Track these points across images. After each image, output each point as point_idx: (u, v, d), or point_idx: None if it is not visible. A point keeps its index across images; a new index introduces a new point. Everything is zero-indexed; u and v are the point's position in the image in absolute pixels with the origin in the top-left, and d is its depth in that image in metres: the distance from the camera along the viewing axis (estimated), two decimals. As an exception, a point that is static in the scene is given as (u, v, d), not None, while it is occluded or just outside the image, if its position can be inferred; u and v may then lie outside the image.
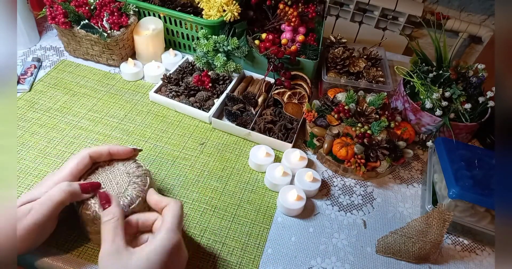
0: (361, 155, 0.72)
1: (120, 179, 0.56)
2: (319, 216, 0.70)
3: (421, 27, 1.68)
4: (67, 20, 0.84)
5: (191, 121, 0.84)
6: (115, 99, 0.87)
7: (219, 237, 0.64)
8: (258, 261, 0.62)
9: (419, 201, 0.75)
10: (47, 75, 0.90)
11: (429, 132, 0.82)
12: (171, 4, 0.96)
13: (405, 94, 0.83)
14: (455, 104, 0.79)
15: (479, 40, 1.61)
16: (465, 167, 0.68)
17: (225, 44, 0.87)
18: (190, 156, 0.77)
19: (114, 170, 0.58)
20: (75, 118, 0.81)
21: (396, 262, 0.65)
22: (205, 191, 0.71)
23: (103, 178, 0.56)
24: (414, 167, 0.82)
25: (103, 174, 0.57)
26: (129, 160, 0.60)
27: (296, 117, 0.82)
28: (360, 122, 0.77)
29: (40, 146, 0.74)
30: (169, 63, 0.95)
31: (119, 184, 0.55)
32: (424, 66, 0.84)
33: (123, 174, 0.57)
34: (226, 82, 0.89)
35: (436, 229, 0.62)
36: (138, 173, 0.57)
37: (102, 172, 0.57)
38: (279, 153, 0.79)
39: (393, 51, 1.15)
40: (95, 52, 0.92)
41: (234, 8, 0.89)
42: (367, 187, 0.76)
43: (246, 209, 0.69)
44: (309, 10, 0.94)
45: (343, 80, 0.90)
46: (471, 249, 0.69)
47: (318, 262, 0.63)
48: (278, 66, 0.86)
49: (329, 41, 0.99)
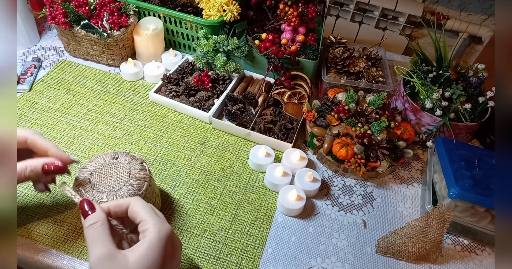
0: (361, 155, 0.72)
1: (120, 176, 0.56)
2: (319, 216, 0.70)
3: (421, 27, 1.68)
4: (67, 20, 0.85)
5: (191, 121, 0.84)
6: (115, 99, 0.87)
7: (219, 237, 0.64)
8: (258, 261, 0.62)
9: (419, 201, 0.75)
10: (47, 75, 0.90)
11: (429, 132, 0.82)
12: (171, 4, 0.96)
13: (405, 94, 0.83)
14: (455, 104, 0.79)
15: (479, 40, 1.61)
16: (465, 167, 0.68)
17: (225, 44, 0.87)
18: (190, 156, 0.77)
19: (119, 165, 0.58)
20: (75, 118, 0.81)
21: (396, 262, 0.65)
22: (205, 191, 0.71)
23: (106, 169, 0.57)
24: (414, 167, 0.82)
25: (108, 166, 0.57)
26: (136, 159, 0.59)
27: (296, 117, 0.82)
28: (360, 122, 0.77)
29: (40, 146, 0.74)
30: (169, 63, 0.95)
31: (117, 181, 0.55)
32: (424, 66, 0.84)
33: (125, 172, 0.57)
34: (226, 82, 0.89)
35: (436, 229, 0.62)
36: (138, 176, 0.57)
37: (107, 164, 0.57)
38: (279, 153, 0.79)
39: (393, 51, 1.15)
40: (95, 52, 0.92)
41: (234, 8, 0.89)
42: (367, 187, 0.76)
43: (246, 209, 0.69)
44: (309, 10, 0.95)
45: (343, 80, 0.90)
46: (471, 249, 0.69)
47: (318, 262, 0.63)
48: (278, 66, 0.86)
49: (329, 41, 0.99)
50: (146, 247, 0.43)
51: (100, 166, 0.57)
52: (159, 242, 0.44)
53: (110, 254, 0.42)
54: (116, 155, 0.59)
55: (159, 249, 0.44)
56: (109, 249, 0.42)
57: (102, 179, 0.55)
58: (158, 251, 0.43)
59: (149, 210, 0.46)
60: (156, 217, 0.46)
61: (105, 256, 0.42)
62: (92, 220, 0.44)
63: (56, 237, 0.61)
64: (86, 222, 0.45)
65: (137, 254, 0.43)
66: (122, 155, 0.59)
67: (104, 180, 0.55)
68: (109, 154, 0.59)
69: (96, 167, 0.57)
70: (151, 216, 0.45)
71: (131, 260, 0.42)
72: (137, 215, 0.46)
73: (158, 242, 0.44)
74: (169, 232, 0.46)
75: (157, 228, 0.45)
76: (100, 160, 0.58)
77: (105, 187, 0.54)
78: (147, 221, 0.45)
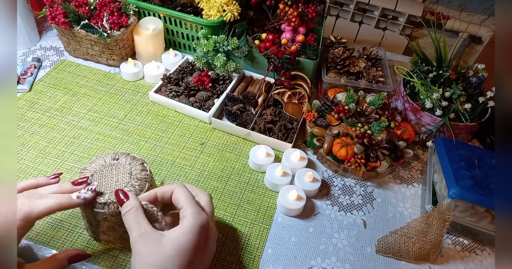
0: (361, 155, 0.72)
1: (121, 177, 0.56)
2: (319, 216, 0.70)
3: (421, 27, 1.68)
4: (67, 20, 0.85)
5: (191, 121, 0.84)
6: (115, 99, 0.87)
7: (219, 237, 0.64)
8: (258, 261, 0.62)
9: (419, 201, 0.75)
10: (47, 75, 0.90)
11: (429, 132, 0.82)
12: (171, 4, 0.96)
13: (405, 94, 0.83)
14: (455, 104, 0.79)
15: (479, 40, 1.61)
16: (465, 167, 0.67)
17: (225, 44, 0.87)
18: (190, 156, 0.77)
19: (120, 166, 0.57)
20: (75, 118, 0.81)
21: (396, 262, 0.65)
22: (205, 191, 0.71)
23: (107, 170, 0.56)
24: (414, 167, 0.82)
25: (108, 167, 0.57)
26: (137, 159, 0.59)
27: (296, 117, 0.82)
28: (360, 122, 0.77)
29: (40, 146, 0.74)
30: (169, 63, 0.95)
31: (118, 182, 0.55)
32: (424, 66, 0.84)
33: (126, 173, 0.57)
34: (226, 82, 0.89)
35: (436, 229, 0.62)
36: (139, 177, 0.57)
37: (108, 166, 0.57)
38: (279, 153, 0.79)
39: (393, 51, 1.15)
40: (95, 52, 0.92)
41: (234, 8, 0.89)
42: (367, 187, 0.76)
43: (246, 209, 0.69)
44: (309, 10, 0.95)
45: (343, 80, 0.90)
46: (471, 249, 0.69)
47: (318, 262, 0.63)
48: (278, 66, 0.86)
49: (329, 41, 0.99)
50: (181, 231, 0.46)
51: (101, 167, 0.57)
52: (193, 229, 0.47)
53: (145, 233, 0.46)
54: (116, 156, 0.59)
55: (192, 235, 0.46)
56: (145, 229, 0.46)
57: (103, 181, 0.55)
58: (190, 237, 0.46)
59: (190, 198, 0.50)
60: (195, 206, 0.49)
61: (140, 235, 0.46)
62: (128, 207, 0.48)
63: (56, 237, 0.61)
64: (122, 209, 0.49)
65: (171, 235, 0.46)
66: (122, 156, 0.59)
67: (106, 182, 0.55)
68: (109, 155, 0.59)
69: (97, 168, 0.56)
70: (190, 204, 0.49)
71: (165, 240, 0.45)
72: (178, 202, 0.50)
73: (192, 229, 0.47)
74: (204, 221, 0.48)
75: (194, 216, 0.48)
76: (100, 161, 0.57)
77: (107, 188, 0.54)
78: (186, 208, 0.49)
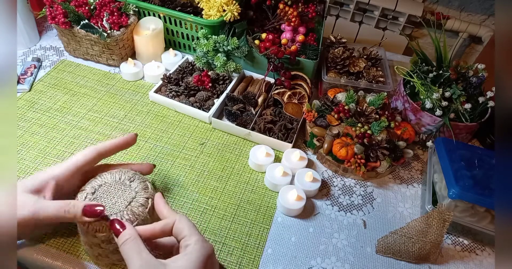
0: (361, 155, 0.72)
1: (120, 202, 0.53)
2: (319, 216, 0.70)
3: (421, 27, 1.68)
4: (67, 20, 0.84)
5: (191, 121, 0.84)
6: (115, 99, 0.87)
7: (219, 237, 0.64)
8: (258, 261, 0.62)
9: (419, 201, 0.75)
10: (47, 75, 0.90)
11: (429, 132, 0.82)
12: (171, 4, 0.96)
13: (405, 94, 0.83)
14: (455, 104, 0.79)
15: (479, 40, 1.61)
16: (465, 167, 0.67)
17: (225, 44, 0.87)
18: (190, 156, 0.77)
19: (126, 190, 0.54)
20: (75, 118, 0.81)
21: (396, 262, 0.65)
22: (205, 191, 0.71)
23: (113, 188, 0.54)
24: (414, 167, 0.82)
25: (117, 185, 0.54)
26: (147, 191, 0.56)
27: (296, 117, 0.82)
28: (360, 122, 0.77)
29: (40, 146, 0.74)
30: (169, 63, 0.95)
31: (113, 205, 0.52)
32: (424, 66, 0.84)
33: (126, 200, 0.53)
34: (226, 82, 0.89)
35: (436, 229, 0.62)
36: (134, 210, 0.52)
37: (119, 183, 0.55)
38: (279, 153, 0.79)
39: (393, 51, 1.15)
40: (95, 52, 0.92)
41: (234, 8, 0.89)
42: (367, 187, 0.76)
43: (246, 209, 0.69)
44: (309, 10, 0.95)
45: (343, 80, 0.90)
46: (471, 249, 0.69)
47: (318, 262, 0.63)
48: (278, 66, 0.86)
49: (329, 41, 0.99)
50: (186, 259, 0.44)
51: (112, 182, 0.54)
52: (200, 258, 0.45)
53: (147, 263, 0.43)
54: (133, 178, 0.56)
55: (198, 264, 0.44)
56: (146, 259, 0.44)
57: (104, 196, 0.53)
58: (197, 266, 0.44)
59: (193, 227, 0.48)
60: (199, 235, 0.48)
61: (142, 266, 0.43)
62: (125, 237, 0.46)
63: (56, 237, 0.61)
64: (119, 240, 0.46)
65: (176, 264, 0.44)
66: (137, 181, 0.56)
67: (104, 199, 0.53)
68: (130, 172, 0.56)
69: (109, 181, 0.54)
70: (194, 233, 0.47)
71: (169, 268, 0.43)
72: (181, 231, 0.47)
73: (198, 258, 0.45)
74: (210, 251, 0.47)
75: (200, 244, 0.46)
76: (117, 175, 0.55)
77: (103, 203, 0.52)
78: (190, 236, 0.47)
